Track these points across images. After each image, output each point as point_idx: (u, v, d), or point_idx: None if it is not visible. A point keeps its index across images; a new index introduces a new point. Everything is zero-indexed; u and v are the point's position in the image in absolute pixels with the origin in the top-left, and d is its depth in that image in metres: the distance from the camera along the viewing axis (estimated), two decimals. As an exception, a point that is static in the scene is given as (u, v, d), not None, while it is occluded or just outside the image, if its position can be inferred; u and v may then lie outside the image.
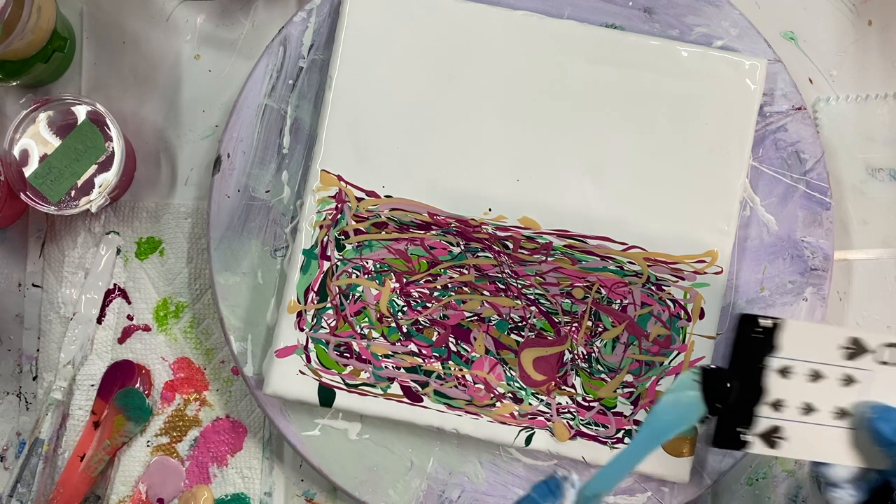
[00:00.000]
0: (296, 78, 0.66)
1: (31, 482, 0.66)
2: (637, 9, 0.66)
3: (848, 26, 0.69)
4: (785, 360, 0.51)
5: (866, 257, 0.68)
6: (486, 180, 0.64)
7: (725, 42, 0.65)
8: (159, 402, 0.68)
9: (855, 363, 0.52)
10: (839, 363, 0.51)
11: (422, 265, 0.64)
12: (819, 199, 0.65)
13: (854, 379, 0.52)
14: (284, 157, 0.66)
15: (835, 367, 0.51)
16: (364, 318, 0.63)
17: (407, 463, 0.65)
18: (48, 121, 0.64)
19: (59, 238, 0.69)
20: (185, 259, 0.69)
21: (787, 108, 0.65)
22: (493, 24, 0.64)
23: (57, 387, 0.67)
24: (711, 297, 0.63)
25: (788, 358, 0.51)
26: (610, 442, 0.63)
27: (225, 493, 0.68)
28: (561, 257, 0.63)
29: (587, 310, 0.63)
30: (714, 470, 0.64)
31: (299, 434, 0.64)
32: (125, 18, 0.69)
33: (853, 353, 0.52)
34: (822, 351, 0.51)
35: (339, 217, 0.64)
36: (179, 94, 0.69)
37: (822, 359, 0.52)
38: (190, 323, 0.69)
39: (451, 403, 0.63)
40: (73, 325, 0.68)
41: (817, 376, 0.52)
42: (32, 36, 0.63)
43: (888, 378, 0.51)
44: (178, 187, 0.69)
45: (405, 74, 0.64)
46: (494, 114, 0.64)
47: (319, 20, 0.66)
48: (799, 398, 0.51)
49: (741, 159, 0.63)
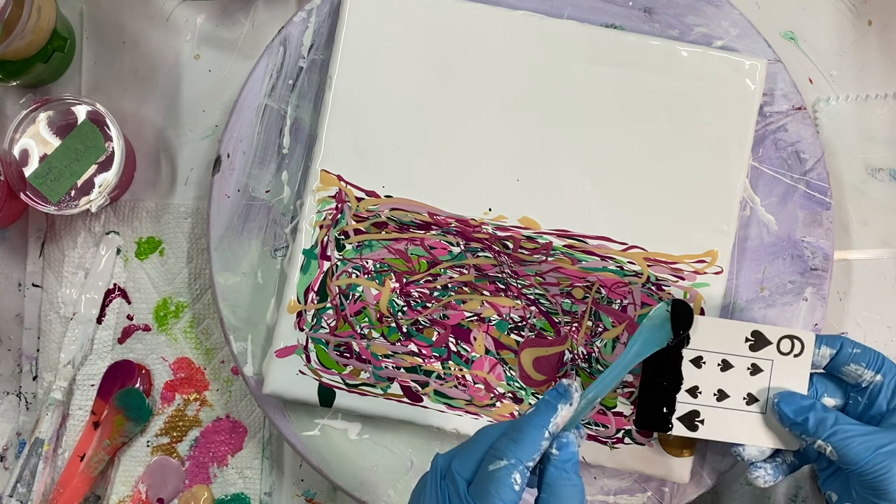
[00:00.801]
0: (296, 78, 0.66)
1: (31, 482, 0.66)
2: (637, 9, 0.66)
3: (848, 26, 0.69)
4: (697, 351, 0.58)
5: (866, 257, 0.68)
6: (486, 180, 0.64)
7: (725, 42, 0.65)
8: (159, 402, 0.68)
9: (759, 354, 0.58)
10: (745, 354, 0.58)
11: (422, 265, 0.64)
12: (819, 199, 0.65)
13: (759, 368, 0.58)
14: (284, 157, 0.66)
15: (742, 357, 0.58)
16: (364, 318, 0.63)
17: (407, 463, 0.65)
18: (48, 121, 0.64)
19: (59, 238, 0.69)
20: (185, 259, 0.69)
21: (787, 108, 0.65)
22: (494, 24, 0.64)
23: (57, 387, 0.67)
24: (711, 298, 0.63)
25: (700, 350, 0.58)
26: (610, 442, 0.63)
27: (225, 493, 0.68)
28: (561, 257, 0.63)
29: (587, 310, 0.63)
30: (714, 470, 0.64)
31: (299, 434, 0.64)
32: (125, 18, 0.69)
33: (756, 344, 0.58)
34: (729, 343, 0.58)
35: (339, 217, 0.64)
36: (179, 94, 0.69)
37: (729, 350, 0.58)
38: (190, 323, 0.69)
39: (451, 403, 0.63)
40: (73, 325, 0.68)
41: (727, 366, 0.58)
42: (32, 36, 0.63)
43: (787, 366, 0.58)
44: (178, 187, 0.69)
45: (405, 74, 0.64)
46: (494, 114, 0.64)
47: (319, 20, 0.66)
48: (713, 385, 0.58)
49: (741, 159, 0.63)
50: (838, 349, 0.57)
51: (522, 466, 0.48)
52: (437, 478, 0.49)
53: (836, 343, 0.57)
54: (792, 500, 0.67)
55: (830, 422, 0.55)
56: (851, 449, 0.53)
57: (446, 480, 0.49)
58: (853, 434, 0.54)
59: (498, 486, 0.47)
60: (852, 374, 0.57)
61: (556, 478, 0.49)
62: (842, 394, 0.58)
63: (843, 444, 0.54)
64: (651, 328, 0.58)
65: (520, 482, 0.48)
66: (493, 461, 0.48)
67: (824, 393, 0.58)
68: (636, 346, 0.57)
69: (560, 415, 0.50)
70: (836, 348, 0.57)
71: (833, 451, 0.54)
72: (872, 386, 0.56)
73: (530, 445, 0.49)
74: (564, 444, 0.50)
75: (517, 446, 0.48)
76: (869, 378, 0.56)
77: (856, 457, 0.53)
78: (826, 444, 0.54)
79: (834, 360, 0.57)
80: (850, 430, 0.54)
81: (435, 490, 0.49)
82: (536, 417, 0.50)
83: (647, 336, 0.57)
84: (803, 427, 0.55)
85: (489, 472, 0.48)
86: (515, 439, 0.49)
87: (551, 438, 0.50)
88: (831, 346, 0.57)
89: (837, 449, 0.54)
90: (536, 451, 0.49)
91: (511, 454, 0.48)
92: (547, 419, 0.50)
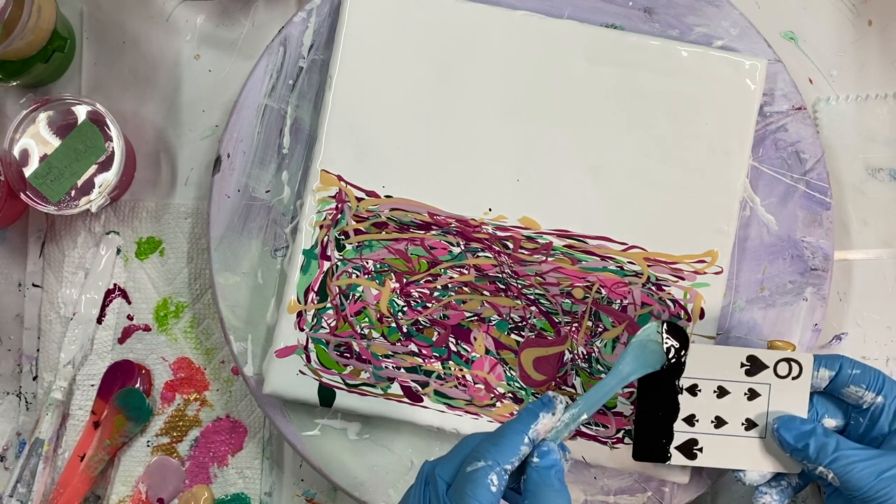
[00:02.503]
0: (296, 78, 0.66)
1: (31, 482, 0.66)
2: (637, 9, 0.66)
3: (848, 26, 0.69)
4: (692, 378, 0.57)
5: (866, 257, 0.68)
6: (486, 180, 0.64)
7: (725, 42, 0.65)
8: (159, 402, 0.68)
9: (755, 378, 0.57)
10: (741, 379, 0.57)
11: (422, 265, 0.64)
12: (819, 199, 0.65)
13: (756, 392, 0.57)
14: (284, 157, 0.66)
15: (738, 382, 0.57)
16: (364, 318, 0.63)
17: (407, 463, 0.65)
18: (48, 121, 0.64)
19: (59, 238, 0.69)
20: (185, 259, 0.69)
21: (787, 108, 0.65)
22: (493, 24, 0.64)
23: (57, 387, 0.67)
24: (711, 298, 0.63)
25: (695, 377, 0.57)
26: (610, 442, 0.63)
27: (225, 493, 0.68)
28: (561, 257, 0.63)
29: (587, 310, 0.63)
30: (714, 470, 0.64)
31: (299, 434, 0.64)
32: (125, 18, 0.69)
33: (752, 369, 0.57)
34: (724, 369, 0.57)
35: (339, 217, 0.64)
36: (179, 94, 0.69)
37: (725, 376, 0.57)
38: (190, 323, 0.69)
39: (451, 403, 0.63)
40: (73, 325, 0.68)
41: (724, 392, 0.57)
42: (32, 36, 0.63)
43: (785, 389, 0.57)
44: (178, 187, 0.69)
45: (405, 74, 0.64)
46: (494, 114, 0.64)
47: (319, 20, 0.66)
48: (710, 413, 0.57)
49: (741, 159, 0.63)
50: (837, 370, 0.56)
51: (500, 468, 0.48)
52: (421, 483, 0.50)
53: (835, 364, 0.56)
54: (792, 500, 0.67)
55: (832, 447, 0.53)
56: (854, 475, 0.52)
57: (429, 485, 0.50)
58: (855, 459, 0.53)
59: (474, 486, 0.47)
60: (853, 396, 0.56)
61: (536, 482, 0.49)
62: (842, 414, 0.57)
63: (846, 470, 0.53)
64: (640, 347, 0.56)
65: (496, 483, 0.48)
66: (471, 462, 0.49)
67: (825, 414, 0.57)
68: (627, 367, 0.55)
69: (541, 422, 0.50)
70: (835, 370, 0.56)
71: (835, 478, 0.53)
72: (874, 407, 0.56)
73: (509, 448, 0.49)
74: (545, 451, 0.50)
75: (496, 448, 0.49)
76: (870, 400, 0.55)
77: (859, 482, 0.52)
78: (828, 471, 0.53)
79: (833, 381, 0.56)
80: (851, 455, 0.53)
81: (418, 494, 0.50)
82: (517, 423, 0.50)
83: (638, 356, 0.55)
84: (804, 453, 0.54)
85: (466, 473, 0.48)
86: (495, 442, 0.49)
87: (531, 445, 0.50)
88: (830, 367, 0.56)
89: (839, 476, 0.53)
90: (515, 455, 0.49)
91: (489, 456, 0.48)
92: (527, 425, 0.50)
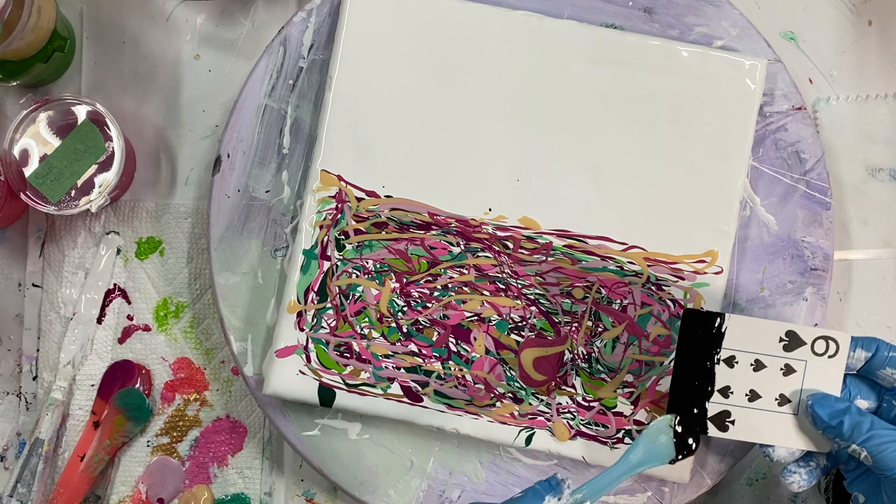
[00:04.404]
0: (296, 78, 0.66)
1: (31, 482, 0.66)
2: (637, 9, 0.66)
3: (848, 26, 0.69)
4: (730, 350, 0.56)
5: (866, 257, 0.68)
6: (486, 180, 0.64)
7: (725, 42, 0.65)
8: (159, 402, 0.68)
9: (792, 354, 0.56)
10: (779, 354, 0.56)
11: (422, 265, 0.64)
12: (819, 199, 0.65)
13: (792, 368, 0.56)
14: (284, 157, 0.66)
15: (775, 357, 0.57)
16: (364, 318, 0.63)
17: (407, 463, 0.65)
18: (48, 121, 0.64)
19: (59, 238, 0.69)
20: (185, 259, 0.69)
21: (787, 108, 0.65)
22: (493, 24, 0.64)
23: (57, 387, 0.67)
24: (711, 297, 0.63)
25: (733, 349, 0.56)
26: (610, 442, 0.63)
27: (225, 493, 0.68)
28: (561, 257, 0.63)
29: (587, 310, 0.63)
30: (714, 470, 0.64)
31: (299, 434, 0.64)
32: (125, 18, 0.69)
33: (790, 345, 0.56)
34: (762, 343, 0.56)
35: (340, 217, 0.64)
36: (179, 94, 0.69)
37: (763, 350, 0.56)
38: (190, 323, 0.69)
39: (451, 403, 0.63)
40: (73, 325, 0.68)
41: (760, 366, 0.57)
42: (32, 36, 0.63)
43: (821, 367, 0.56)
44: (178, 187, 0.69)
45: (405, 74, 0.64)
46: (494, 114, 0.64)
47: (319, 20, 0.66)
48: (745, 386, 0.57)
49: (741, 159, 0.63)
50: (874, 352, 0.56)
51: None
52: None
53: (872, 346, 0.56)
54: (792, 500, 0.67)
55: (866, 426, 0.53)
56: (888, 455, 0.52)
57: None
58: (889, 439, 0.53)
59: None
60: (888, 378, 0.56)
61: None
62: (875, 396, 0.57)
63: (880, 449, 0.53)
64: (652, 439, 0.56)
65: None
66: None
67: (857, 395, 0.57)
68: (636, 457, 0.55)
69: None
70: (872, 351, 0.56)
71: (868, 457, 0.53)
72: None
73: None
74: None
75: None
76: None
77: (892, 462, 0.52)
78: (861, 449, 0.53)
79: (869, 363, 0.56)
80: (886, 435, 0.53)
81: None
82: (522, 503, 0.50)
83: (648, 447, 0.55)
84: (838, 431, 0.54)
85: None
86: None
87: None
88: (867, 348, 0.56)
89: (873, 454, 0.53)
90: None
91: None
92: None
